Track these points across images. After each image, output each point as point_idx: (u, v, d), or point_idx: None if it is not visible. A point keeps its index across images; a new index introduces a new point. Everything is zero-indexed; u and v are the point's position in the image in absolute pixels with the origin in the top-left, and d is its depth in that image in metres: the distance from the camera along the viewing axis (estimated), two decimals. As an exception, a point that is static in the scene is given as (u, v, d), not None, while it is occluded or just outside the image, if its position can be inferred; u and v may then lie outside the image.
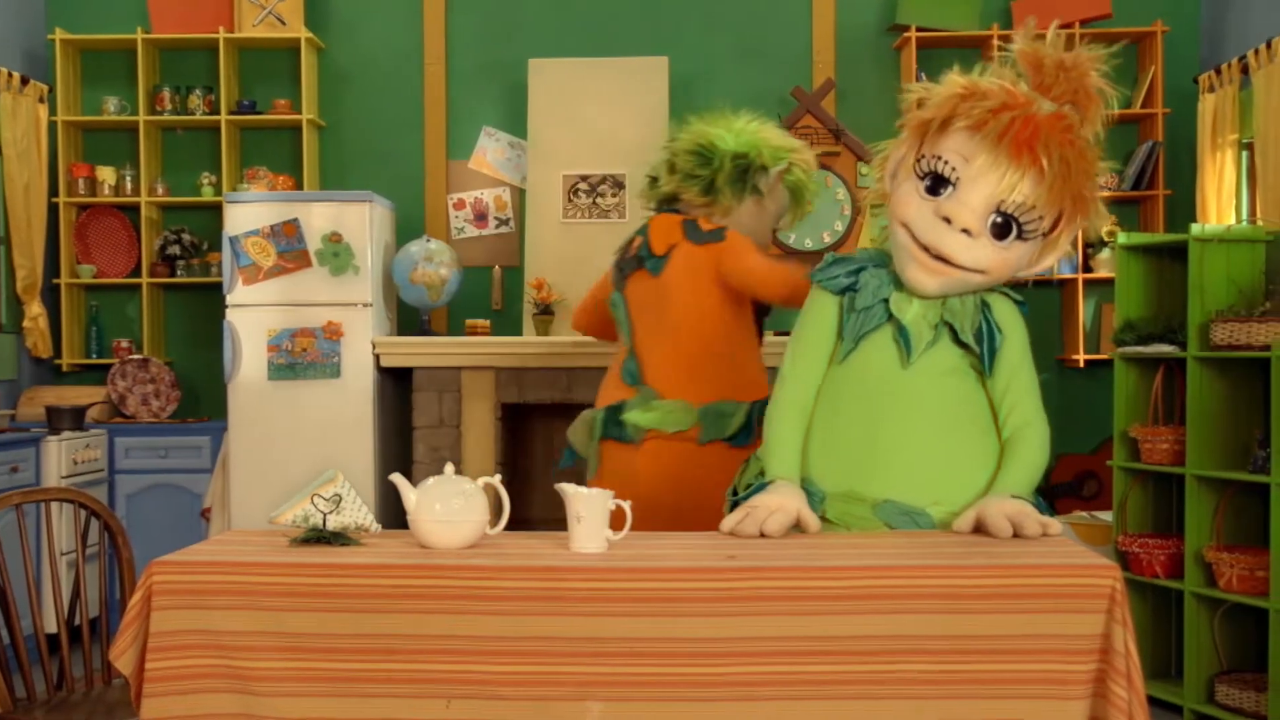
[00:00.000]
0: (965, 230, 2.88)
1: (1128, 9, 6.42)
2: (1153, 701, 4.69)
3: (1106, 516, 5.21)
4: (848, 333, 3.00)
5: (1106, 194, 6.24)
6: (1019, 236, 2.91)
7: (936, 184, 2.92)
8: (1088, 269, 6.32)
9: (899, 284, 3.01)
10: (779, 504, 2.86)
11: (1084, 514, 5.40)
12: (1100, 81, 2.95)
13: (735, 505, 3.17)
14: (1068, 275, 6.27)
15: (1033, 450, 2.97)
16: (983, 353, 2.97)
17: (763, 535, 2.81)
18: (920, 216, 2.93)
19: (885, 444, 2.93)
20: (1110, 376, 5.15)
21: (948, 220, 2.89)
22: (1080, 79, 2.92)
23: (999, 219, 2.88)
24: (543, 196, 6.22)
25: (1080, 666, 2.39)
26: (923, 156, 2.96)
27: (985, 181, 2.85)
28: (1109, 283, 6.06)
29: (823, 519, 2.93)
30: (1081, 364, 6.25)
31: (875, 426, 2.95)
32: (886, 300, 3.00)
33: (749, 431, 3.79)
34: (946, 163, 2.90)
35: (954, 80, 2.96)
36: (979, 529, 2.78)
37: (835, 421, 3.00)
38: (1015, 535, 2.74)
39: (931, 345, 2.96)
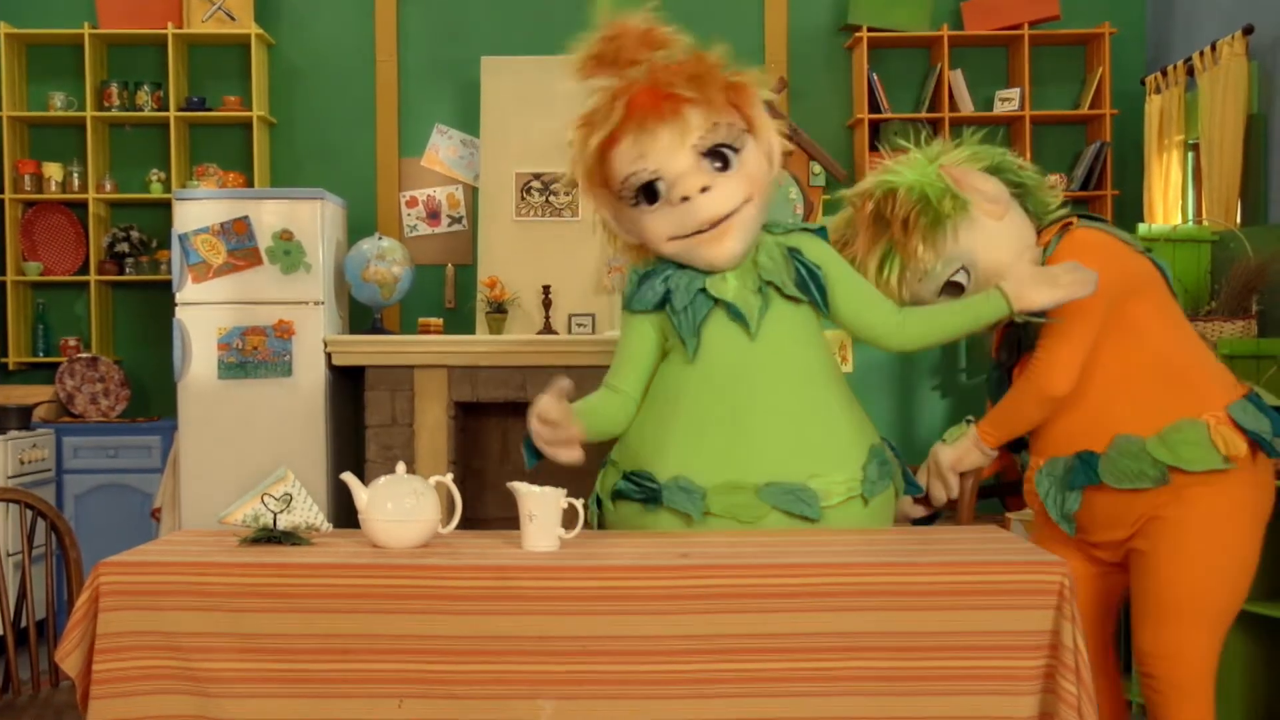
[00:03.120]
0: (704, 189, 2.98)
1: (1075, 11, 6.49)
2: (1101, 696, 4.73)
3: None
4: (685, 332, 3.04)
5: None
6: (736, 152, 3.02)
7: (648, 193, 3.03)
8: (1037, 268, 6.37)
9: (708, 271, 3.07)
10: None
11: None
12: (637, 20, 3.07)
13: (601, 511, 3.19)
14: (1018, 274, 6.32)
15: (916, 311, 3.18)
16: (813, 296, 3.04)
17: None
18: (668, 220, 3.04)
19: (753, 427, 2.96)
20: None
21: (685, 199, 2.98)
22: (627, 34, 3.05)
23: (712, 160, 3.00)
24: (496, 194, 6.20)
25: (1030, 662, 2.41)
26: (620, 192, 3.07)
27: (668, 150, 2.97)
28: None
29: (707, 514, 2.96)
30: (1031, 362, 6.29)
31: (740, 411, 2.98)
32: (704, 289, 3.04)
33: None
34: (634, 174, 3.02)
35: (573, 127, 3.12)
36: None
37: (701, 417, 3.02)
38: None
39: (765, 310, 3.02)
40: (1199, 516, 3.04)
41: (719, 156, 3.01)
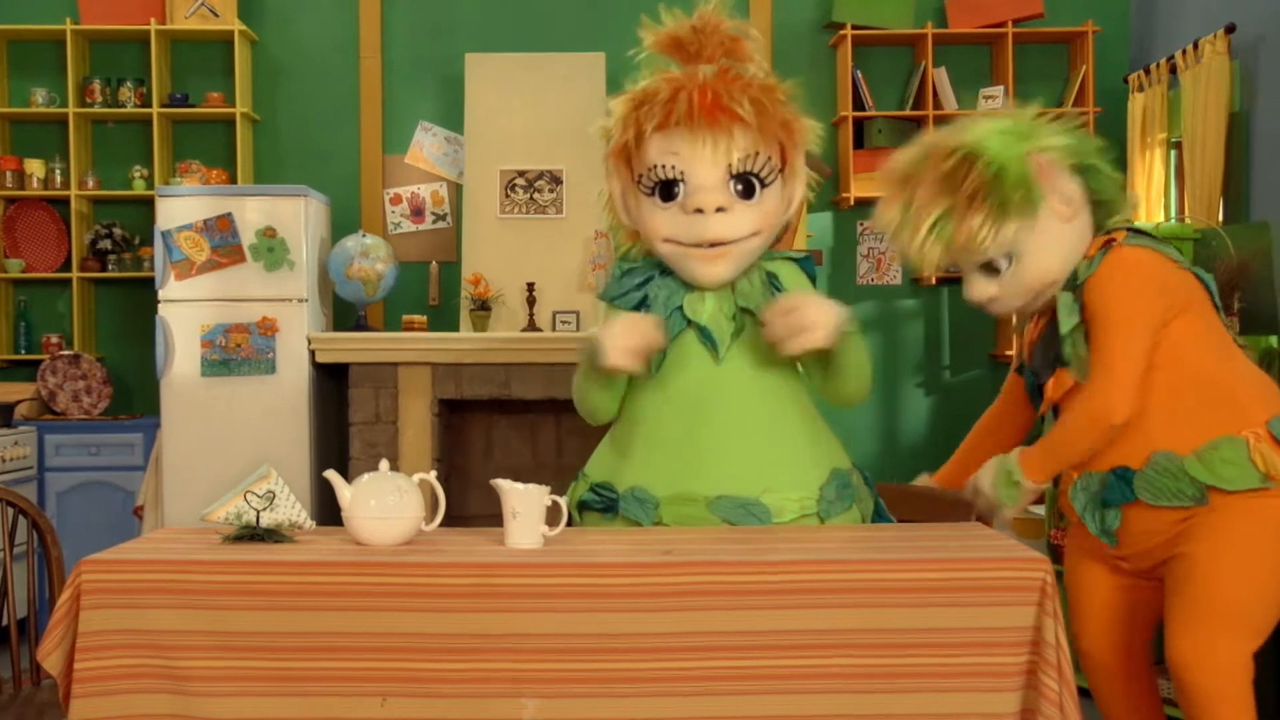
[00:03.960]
0: (720, 209, 2.96)
1: (1059, 9, 6.50)
2: (1083, 692, 4.75)
3: (1039, 511, 5.27)
4: None
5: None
6: (763, 186, 3.01)
7: (667, 189, 3.00)
8: (1021, 266, 6.38)
9: (688, 287, 3.05)
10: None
11: (1017, 508, 5.44)
12: (735, 24, 3.04)
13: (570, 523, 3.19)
14: (1001, 272, 6.33)
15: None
16: None
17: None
18: (674, 224, 3.01)
19: (710, 442, 2.96)
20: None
21: (699, 210, 2.96)
22: (716, 31, 3.01)
23: (739, 182, 2.98)
24: (480, 192, 6.19)
25: (1012, 658, 2.42)
26: (640, 176, 3.04)
27: (704, 159, 2.95)
28: (1041, 279, 6.13)
29: (659, 524, 2.96)
30: (1014, 360, 6.31)
31: (698, 425, 2.97)
32: (680, 308, 3.04)
33: None
34: (663, 166, 2.99)
35: (622, 99, 3.06)
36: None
37: (658, 430, 3.02)
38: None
39: (737, 336, 3.01)
40: (1241, 531, 2.99)
41: (746, 184, 3.00)
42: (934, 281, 6.37)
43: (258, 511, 2.69)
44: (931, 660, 2.42)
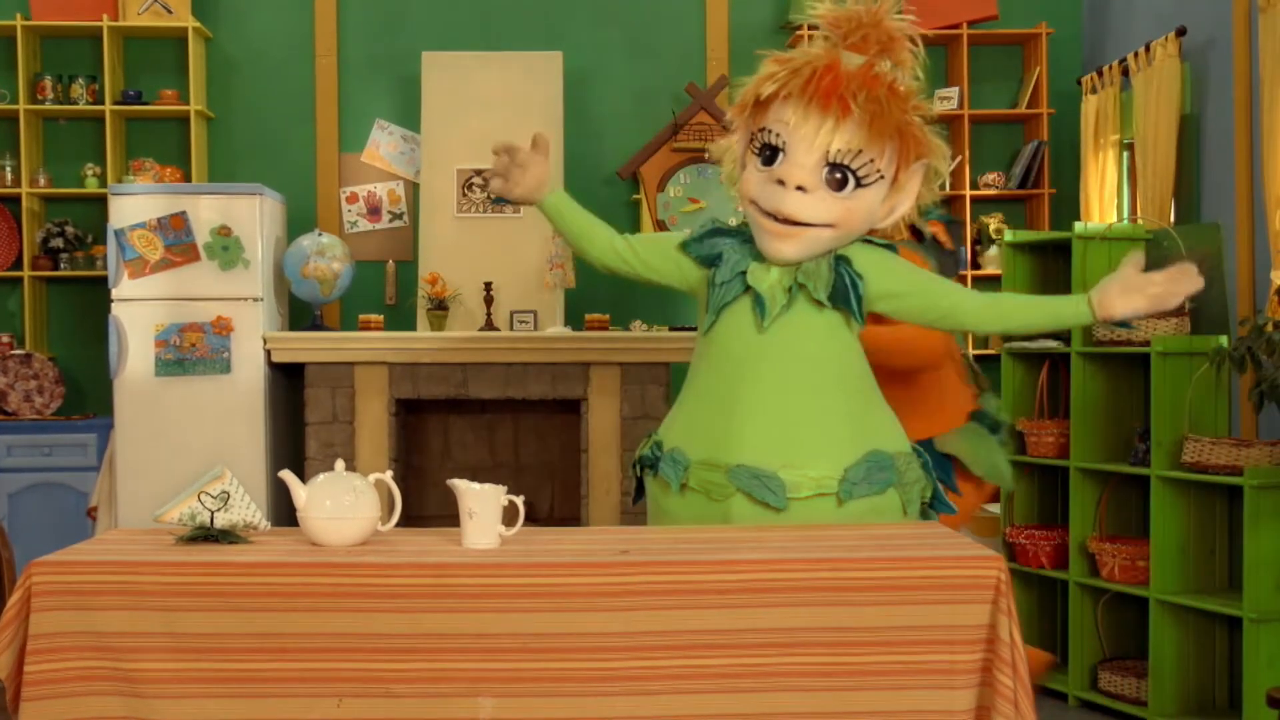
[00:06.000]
0: (800, 188, 2.99)
1: (1013, 11, 6.55)
2: (1037, 689, 4.79)
3: (995, 509, 5.31)
4: (710, 305, 3.12)
5: (993, 191, 6.38)
6: (858, 185, 3.02)
7: (771, 154, 3.06)
8: (976, 266, 6.44)
9: (759, 258, 3.10)
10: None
11: (972, 506, 5.48)
12: (900, 24, 3.09)
13: (640, 482, 3.26)
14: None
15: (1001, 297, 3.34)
16: (850, 305, 3.07)
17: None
18: (760, 187, 3.07)
19: (741, 409, 3.03)
20: (999, 372, 5.25)
21: (781, 182, 3.00)
22: (876, 25, 3.07)
23: (834, 172, 3.01)
24: (436, 190, 6.17)
25: (967, 656, 2.44)
26: (754, 135, 3.11)
27: (804, 137, 2.99)
28: (996, 279, 6.18)
29: (684, 487, 3.05)
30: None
31: (733, 393, 3.05)
32: (744, 273, 3.09)
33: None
34: (771, 132, 3.05)
35: (770, 59, 3.10)
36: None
37: (700, 392, 3.13)
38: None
39: (788, 309, 3.06)
40: None
41: (840, 176, 3.02)
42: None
43: (212, 512, 2.67)
44: (887, 658, 2.43)
